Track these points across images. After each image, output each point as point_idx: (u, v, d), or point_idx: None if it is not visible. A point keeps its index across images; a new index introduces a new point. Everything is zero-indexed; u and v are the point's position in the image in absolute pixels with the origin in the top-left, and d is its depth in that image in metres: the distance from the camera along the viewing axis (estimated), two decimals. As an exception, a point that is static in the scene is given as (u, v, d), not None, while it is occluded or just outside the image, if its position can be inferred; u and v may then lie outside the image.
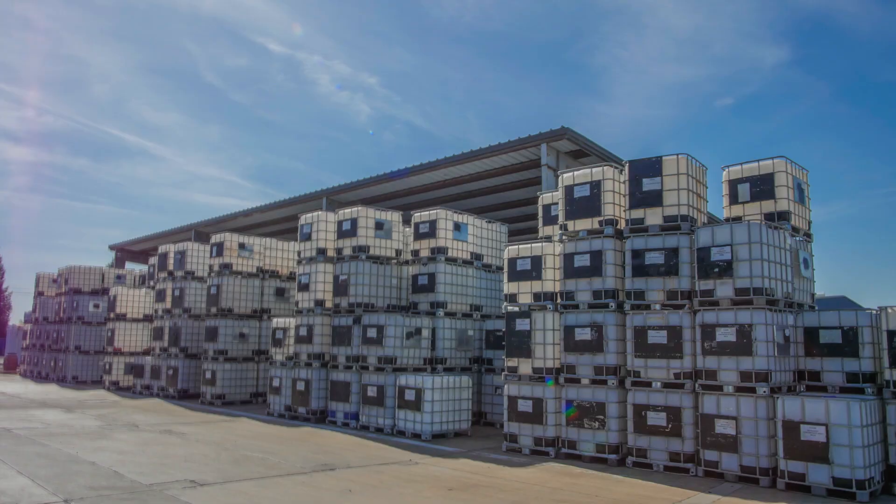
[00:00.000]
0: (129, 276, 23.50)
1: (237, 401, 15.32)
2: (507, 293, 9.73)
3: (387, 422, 10.91)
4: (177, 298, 17.00)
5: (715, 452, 7.43)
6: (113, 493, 6.14)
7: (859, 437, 6.49)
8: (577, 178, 9.14)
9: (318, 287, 12.75)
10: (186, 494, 6.16)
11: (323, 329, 12.62)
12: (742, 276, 7.57)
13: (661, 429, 7.89)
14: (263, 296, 16.12)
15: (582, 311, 8.78)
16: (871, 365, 7.54)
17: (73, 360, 21.30)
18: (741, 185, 8.86)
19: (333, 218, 12.92)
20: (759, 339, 7.31)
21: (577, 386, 8.65)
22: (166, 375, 16.68)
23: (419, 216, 12.43)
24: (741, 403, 7.33)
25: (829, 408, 6.67)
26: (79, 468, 7.25)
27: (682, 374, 7.87)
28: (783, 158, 8.57)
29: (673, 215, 8.31)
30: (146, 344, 19.52)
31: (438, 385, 10.33)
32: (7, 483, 6.40)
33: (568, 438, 8.65)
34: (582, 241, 8.93)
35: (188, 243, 17.49)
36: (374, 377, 11.21)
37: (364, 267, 12.17)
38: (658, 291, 8.23)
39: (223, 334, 15.23)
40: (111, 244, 29.83)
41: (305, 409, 12.42)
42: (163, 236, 25.53)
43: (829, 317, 7.86)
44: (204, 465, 7.69)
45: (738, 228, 7.67)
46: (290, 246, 16.74)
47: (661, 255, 8.23)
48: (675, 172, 8.34)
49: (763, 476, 7.09)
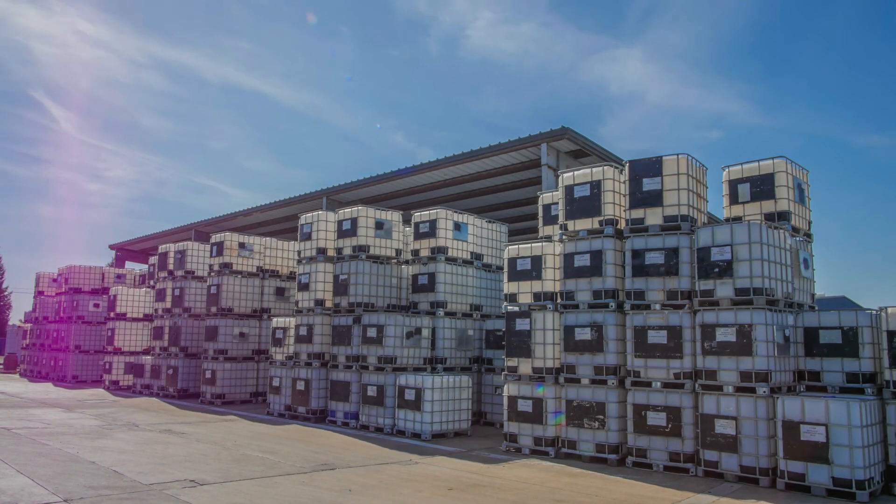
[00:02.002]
0: (129, 275, 23.51)
1: (237, 400, 15.32)
2: (507, 293, 9.73)
3: (387, 421, 10.91)
4: (177, 298, 17.00)
5: (715, 452, 7.43)
6: (113, 492, 6.14)
7: (859, 438, 6.49)
8: (578, 178, 9.13)
9: (318, 287, 12.74)
10: (186, 494, 6.16)
11: (323, 329, 12.62)
12: (742, 276, 7.57)
13: (661, 429, 7.89)
14: (263, 295, 16.12)
15: (582, 310, 8.78)
16: (871, 365, 7.53)
17: (72, 360, 21.30)
18: (741, 185, 8.86)
19: (333, 217, 12.91)
20: (759, 339, 7.31)
21: (577, 386, 8.65)
22: (166, 375, 16.68)
23: (419, 216, 12.42)
24: (741, 403, 7.32)
25: (828, 408, 6.67)
26: (78, 468, 7.25)
27: (682, 374, 7.86)
28: (783, 158, 8.57)
29: (673, 215, 8.31)
30: (146, 343, 19.53)
31: (438, 385, 10.33)
32: (7, 482, 6.40)
33: (568, 438, 8.64)
34: (582, 240, 8.92)
35: (188, 243, 17.49)
36: (373, 377, 11.21)
37: (364, 266, 12.17)
38: (658, 291, 8.23)
39: (223, 334, 15.23)
40: (111, 244, 29.88)
41: (305, 408, 12.42)
42: (163, 236, 25.53)
43: (829, 317, 7.86)
44: (204, 464, 7.69)
45: (738, 228, 7.66)
46: (290, 245, 16.74)
47: (661, 255, 8.23)
48: (676, 172, 8.34)
49: (763, 476, 7.09)
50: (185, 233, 24.17)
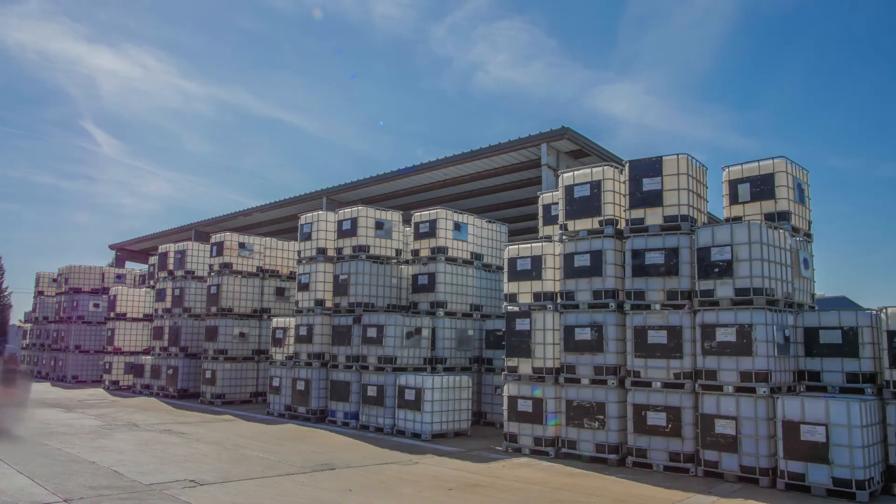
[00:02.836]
0: (129, 275, 23.51)
1: (237, 400, 15.32)
2: (507, 293, 9.73)
3: (387, 421, 10.91)
4: (177, 298, 17.00)
5: (715, 452, 7.43)
6: (113, 492, 6.14)
7: (859, 438, 6.49)
8: (578, 178, 9.13)
9: (318, 287, 12.74)
10: (186, 494, 6.16)
11: (323, 329, 12.61)
12: (742, 276, 7.57)
13: (661, 429, 7.89)
14: (263, 295, 16.12)
15: (582, 311, 8.78)
16: (871, 365, 7.53)
17: (72, 360, 21.30)
18: (741, 185, 8.86)
19: (333, 217, 12.91)
20: (759, 339, 7.31)
21: (577, 386, 8.65)
22: (166, 375, 16.68)
23: (419, 216, 12.42)
24: (741, 403, 7.32)
25: (828, 408, 6.67)
26: (78, 467, 7.25)
27: (682, 374, 7.86)
28: (783, 158, 8.57)
29: (673, 215, 8.30)
30: (146, 343, 19.52)
31: (438, 385, 10.33)
32: (7, 482, 6.40)
33: (568, 438, 8.64)
34: (582, 240, 8.92)
35: (188, 243, 17.49)
36: (373, 377, 11.21)
37: (364, 266, 12.17)
38: (658, 291, 8.23)
39: (223, 334, 15.22)
40: (111, 244, 29.88)
41: (305, 408, 12.42)
42: (163, 236, 25.52)
43: (829, 317, 7.86)
44: (204, 464, 7.69)
45: (738, 228, 7.66)
46: (290, 245, 16.74)
47: (661, 255, 8.23)
48: (676, 172, 8.34)
49: (763, 476, 7.09)
50: (185, 233, 24.16)
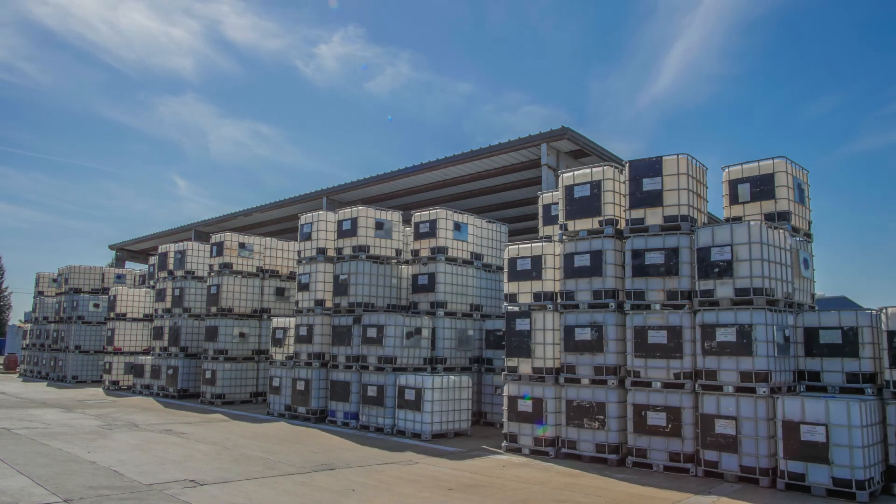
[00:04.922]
0: (129, 275, 23.50)
1: (237, 400, 15.32)
2: (507, 293, 9.73)
3: (387, 421, 10.91)
4: (177, 298, 17.00)
5: (715, 452, 7.43)
6: (112, 492, 6.14)
7: (859, 438, 6.49)
8: (578, 178, 9.13)
9: (318, 287, 12.74)
10: (186, 494, 6.16)
11: (323, 329, 12.61)
12: (742, 276, 7.57)
13: (661, 429, 7.89)
14: (263, 295, 16.12)
15: (582, 311, 8.78)
16: (871, 365, 7.53)
17: (72, 360, 21.30)
18: (741, 185, 8.86)
19: (333, 218, 12.91)
20: (759, 339, 7.31)
21: (577, 386, 8.65)
22: (166, 375, 16.68)
23: (419, 216, 12.42)
24: (741, 403, 7.32)
25: (829, 408, 6.67)
26: (78, 468, 7.25)
27: (682, 374, 7.86)
28: (783, 158, 8.57)
29: (673, 215, 8.30)
30: (146, 343, 19.53)
31: (438, 385, 10.33)
32: (7, 482, 6.40)
33: (568, 438, 8.64)
34: (582, 240, 8.92)
35: (188, 243, 17.49)
36: (374, 377, 11.21)
37: (364, 267, 12.17)
38: (658, 291, 8.23)
39: (223, 334, 15.22)
40: (111, 244, 29.88)
41: (305, 408, 12.42)
42: (163, 236, 25.53)
43: (829, 317, 7.86)
44: (204, 464, 7.69)
45: (738, 228, 7.66)
46: (290, 246, 16.74)
47: (661, 255, 8.23)
48: (676, 172, 8.34)
49: (763, 476, 7.09)
50: (185, 233, 24.17)
